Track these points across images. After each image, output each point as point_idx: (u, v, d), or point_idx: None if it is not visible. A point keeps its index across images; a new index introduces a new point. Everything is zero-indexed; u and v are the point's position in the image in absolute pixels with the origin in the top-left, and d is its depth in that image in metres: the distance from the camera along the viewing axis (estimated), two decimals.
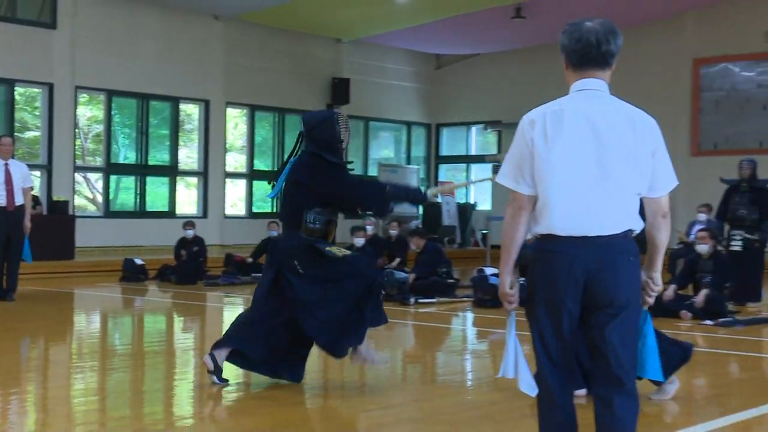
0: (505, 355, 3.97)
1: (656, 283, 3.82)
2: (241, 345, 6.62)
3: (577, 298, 3.67)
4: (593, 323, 3.70)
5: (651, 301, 3.85)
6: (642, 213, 3.78)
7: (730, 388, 7.27)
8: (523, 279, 4.13)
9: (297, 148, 6.93)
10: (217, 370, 6.59)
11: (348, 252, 6.87)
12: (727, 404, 6.45)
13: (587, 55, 3.72)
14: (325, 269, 6.52)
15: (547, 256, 3.71)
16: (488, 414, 6.07)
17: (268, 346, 6.61)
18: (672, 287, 11.44)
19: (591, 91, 3.74)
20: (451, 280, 13.58)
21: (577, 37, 3.73)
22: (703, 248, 11.46)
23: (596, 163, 3.63)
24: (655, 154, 3.70)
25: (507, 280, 3.82)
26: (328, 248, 6.52)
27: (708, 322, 10.58)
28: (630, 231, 3.70)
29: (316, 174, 6.57)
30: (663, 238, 3.81)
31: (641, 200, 3.75)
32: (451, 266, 14.00)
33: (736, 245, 12.56)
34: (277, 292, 6.63)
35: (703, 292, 11.02)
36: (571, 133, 3.65)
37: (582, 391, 5.91)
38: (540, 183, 3.69)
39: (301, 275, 6.53)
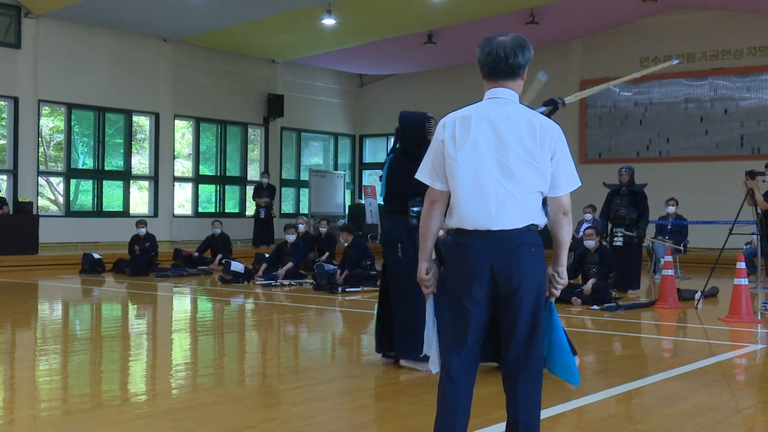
0: (426, 334, 3.97)
1: (561, 276, 3.73)
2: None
3: (484, 287, 3.59)
4: (501, 312, 3.64)
5: (557, 293, 3.75)
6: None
7: (614, 364, 7.39)
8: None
9: (394, 144, 7.09)
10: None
11: None
12: (612, 378, 6.55)
13: (496, 67, 3.65)
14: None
15: (457, 248, 3.66)
16: (405, 388, 6.08)
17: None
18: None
19: (500, 99, 3.65)
20: (374, 272, 13.59)
21: (488, 51, 3.66)
22: (590, 243, 11.66)
23: (498, 164, 3.55)
24: (556, 156, 3.60)
25: (424, 267, 3.78)
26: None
27: (595, 307, 10.73)
28: (533, 225, 3.62)
29: (405, 168, 6.45)
30: (565, 235, 3.71)
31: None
32: (374, 260, 14.01)
33: (618, 241, 12.76)
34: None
35: (591, 281, 11.22)
36: (476, 136, 3.57)
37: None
38: (450, 180, 3.64)
39: (400, 258, 6.55)
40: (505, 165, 3.55)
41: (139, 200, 21.30)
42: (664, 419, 5.26)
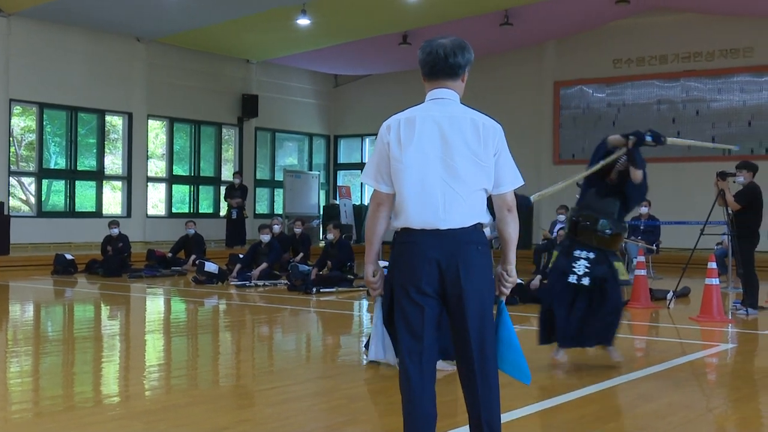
0: (373, 339, 3.99)
1: (510, 274, 3.75)
2: None
3: (434, 284, 3.61)
4: (451, 311, 3.66)
5: (506, 292, 3.77)
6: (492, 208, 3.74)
7: (587, 363, 7.43)
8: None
9: None
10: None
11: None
12: (585, 377, 6.58)
13: (436, 66, 3.66)
14: None
15: (405, 247, 3.66)
16: (380, 389, 6.10)
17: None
18: (538, 277, 11.67)
19: (442, 100, 3.67)
20: (351, 276, 13.58)
21: (428, 51, 3.68)
22: None
23: (443, 164, 3.57)
24: (499, 155, 3.64)
25: (371, 270, 3.79)
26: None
27: None
28: (479, 224, 3.65)
29: None
30: (511, 232, 3.70)
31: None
32: (354, 262, 14.08)
33: None
34: None
35: None
36: (421, 137, 3.58)
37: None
38: (396, 182, 3.64)
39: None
40: (451, 165, 3.58)
41: (112, 200, 21.16)
42: (636, 419, 5.31)
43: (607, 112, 22.00)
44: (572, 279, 6.74)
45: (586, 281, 6.73)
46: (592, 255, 6.78)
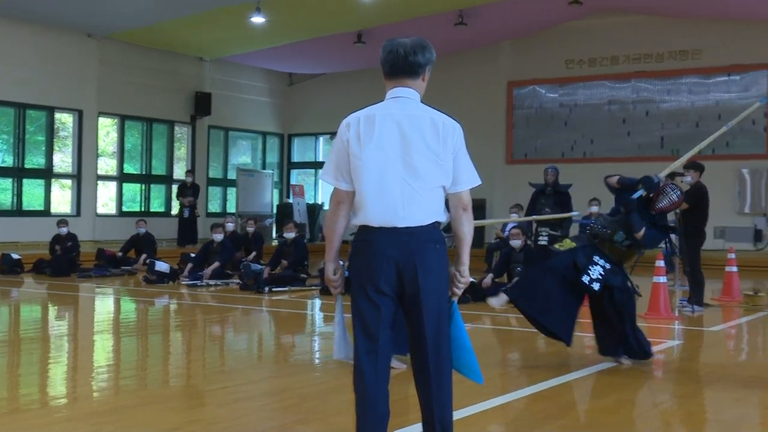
0: (336, 337, 4.00)
1: (463, 275, 3.76)
2: None
3: (391, 283, 3.64)
4: (408, 310, 3.69)
5: (458, 292, 3.78)
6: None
7: (538, 361, 7.51)
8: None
9: None
10: None
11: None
12: (536, 374, 6.65)
13: (396, 65, 3.69)
14: None
15: (364, 245, 3.68)
16: (334, 388, 6.09)
17: None
18: (490, 276, 11.73)
19: (402, 99, 3.70)
20: (305, 275, 13.54)
21: (388, 50, 3.72)
22: (515, 243, 11.79)
23: (402, 162, 3.60)
24: (457, 154, 3.67)
25: (331, 268, 3.80)
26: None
27: None
28: (437, 222, 3.69)
29: None
30: (466, 231, 3.73)
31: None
32: (308, 261, 14.08)
33: (543, 240, 12.93)
34: None
35: (516, 280, 11.29)
36: (380, 135, 3.61)
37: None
38: (355, 180, 3.66)
39: None
40: (410, 163, 3.60)
41: (61, 199, 20.85)
42: (584, 415, 5.38)
43: (560, 112, 22.23)
44: (585, 279, 6.91)
45: (596, 287, 6.87)
46: (608, 266, 6.97)
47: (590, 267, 6.91)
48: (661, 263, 10.09)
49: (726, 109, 20.21)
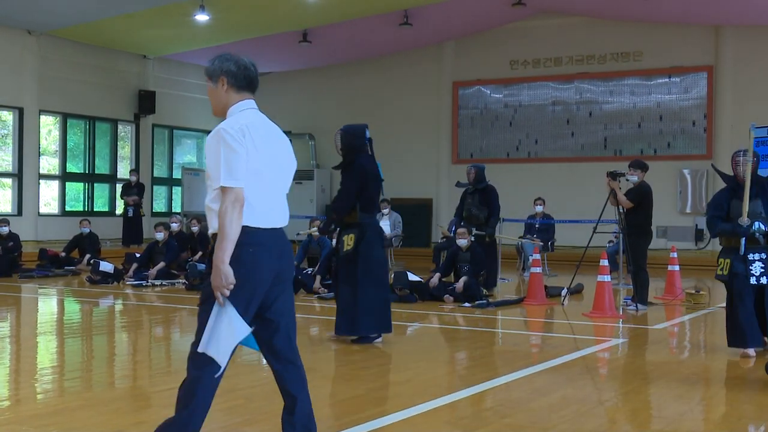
0: (208, 334, 3.88)
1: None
2: None
3: (266, 287, 3.87)
4: (276, 301, 3.94)
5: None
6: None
7: (485, 360, 7.56)
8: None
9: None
10: None
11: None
12: (482, 373, 6.69)
13: (254, 81, 4.02)
14: None
15: (254, 247, 3.80)
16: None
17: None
18: (437, 275, 11.77)
19: (255, 110, 3.98)
20: None
21: (243, 65, 4.01)
22: (462, 242, 11.82)
23: (278, 168, 3.93)
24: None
25: (231, 270, 3.72)
26: None
27: (466, 304, 10.91)
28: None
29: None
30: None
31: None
32: None
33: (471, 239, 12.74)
34: None
35: (462, 279, 11.38)
36: (267, 141, 3.87)
37: None
38: (251, 182, 3.79)
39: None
40: (282, 167, 3.97)
41: (2, 198, 20.44)
42: (531, 412, 5.42)
43: (504, 113, 22.41)
44: (753, 281, 7.31)
45: (765, 280, 7.30)
46: (765, 255, 7.32)
47: (750, 268, 7.32)
48: (605, 262, 10.23)
49: (667, 110, 20.61)
